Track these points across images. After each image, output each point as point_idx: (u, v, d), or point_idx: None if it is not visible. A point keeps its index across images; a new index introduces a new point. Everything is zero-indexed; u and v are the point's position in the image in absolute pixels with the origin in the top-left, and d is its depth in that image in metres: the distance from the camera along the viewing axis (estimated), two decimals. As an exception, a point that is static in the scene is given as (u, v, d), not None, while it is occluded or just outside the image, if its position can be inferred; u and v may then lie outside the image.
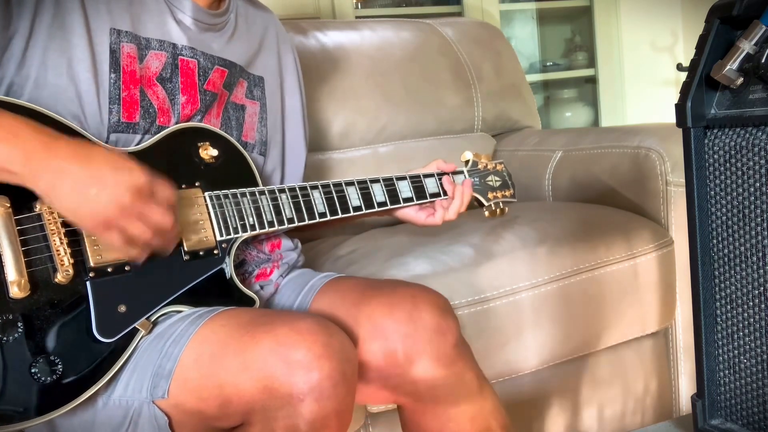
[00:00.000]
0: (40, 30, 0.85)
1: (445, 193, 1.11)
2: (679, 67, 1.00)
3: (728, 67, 0.90)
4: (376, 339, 0.92)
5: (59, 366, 0.77)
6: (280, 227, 0.96)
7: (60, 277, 0.78)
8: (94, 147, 0.78)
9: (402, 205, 1.08)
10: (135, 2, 0.93)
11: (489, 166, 1.20)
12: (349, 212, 1.02)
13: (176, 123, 0.94)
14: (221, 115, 1.02)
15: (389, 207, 1.07)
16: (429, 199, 1.10)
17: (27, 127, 0.75)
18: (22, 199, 0.77)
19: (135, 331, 0.84)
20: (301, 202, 0.97)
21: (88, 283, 0.80)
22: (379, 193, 1.05)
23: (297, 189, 0.97)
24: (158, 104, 0.93)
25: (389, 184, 1.06)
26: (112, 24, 0.90)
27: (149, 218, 0.78)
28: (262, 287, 1.05)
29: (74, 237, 0.80)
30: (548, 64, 2.81)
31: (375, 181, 1.05)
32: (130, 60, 0.91)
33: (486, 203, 1.17)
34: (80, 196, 0.74)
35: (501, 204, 1.19)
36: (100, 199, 0.74)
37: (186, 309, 0.88)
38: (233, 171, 0.96)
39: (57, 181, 0.74)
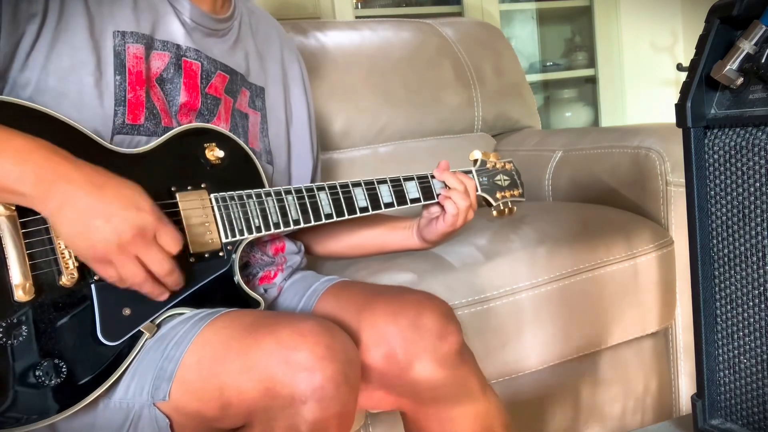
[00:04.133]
0: (45, 33, 0.84)
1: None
2: (679, 67, 1.00)
3: (728, 67, 0.90)
4: (379, 345, 0.92)
5: (64, 369, 0.77)
6: (286, 229, 0.95)
7: (65, 281, 0.78)
8: (109, 177, 0.77)
9: (409, 206, 1.07)
10: (140, 3, 0.93)
11: (498, 165, 1.19)
12: (356, 213, 1.00)
13: (177, 125, 0.94)
14: (230, 121, 1.02)
15: (396, 207, 1.06)
16: (436, 200, 1.09)
17: (40, 149, 0.74)
18: None
19: (139, 334, 0.84)
20: (308, 203, 0.96)
21: (92, 286, 0.80)
22: (386, 194, 1.04)
23: (303, 190, 0.97)
24: (160, 105, 0.93)
25: (396, 185, 1.05)
26: (116, 27, 0.89)
27: (145, 261, 0.77)
28: (266, 290, 1.05)
29: None
30: (548, 64, 2.81)
31: (382, 181, 1.04)
32: (136, 61, 0.90)
33: (494, 203, 1.16)
34: (83, 226, 0.73)
35: (509, 203, 1.18)
36: (102, 232, 0.74)
37: (189, 311, 0.88)
38: (239, 172, 0.95)
39: (64, 206, 0.73)
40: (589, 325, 1.35)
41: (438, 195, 1.08)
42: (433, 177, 1.09)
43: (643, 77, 2.76)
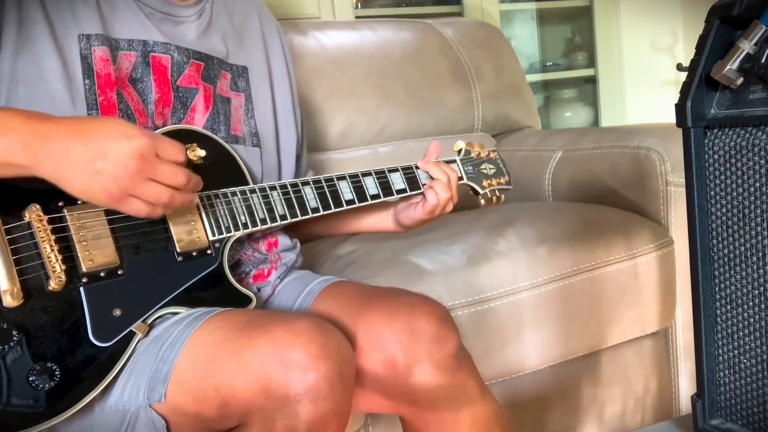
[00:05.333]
0: (7, 45, 0.84)
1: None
2: (679, 67, 1.00)
3: (728, 67, 0.90)
4: (375, 348, 0.91)
5: (57, 373, 0.77)
6: (273, 224, 0.95)
7: (53, 285, 0.77)
8: (87, 120, 0.76)
9: (396, 197, 1.07)
10: (102, 4, 0.92)
11: (482, 154, 1.19)
12: (342, 206, 1.01)
13: (152, 123, 0.93)
14: (210, 110, 1.01)
15: (383, 199, 1.06)
16: (422, 190, 1.08)
17: (17, 116, 0.74)
18: (10, 208, 0.76)
19: (132, 334, 0.83)
20: (293, 198, 0.97)
21: (81, 288, 0.80)
22: (371, 186, 1.04)
23: (288, 186, 0.97)
24: (134, 106, 0.92)
25: (381, 177, 1.06)
26: (80, 30, 0.89)
27: (160, 179, 0.77)
28: (259, 289, 1.04)
29: (65, 243, 0.79)
30: (548, 64, 2.81)
31: (367, 174, 1.04)
32: (103, 63, 0.90)
33: (481, 191, 1.15)
34: (87, 175, 0.73)
35: (497, 192, 1.17)
36: (107, 172, 0.73)
37: (182, 310, 0.87)
38: (222, 171, 0.96)
39: (61, 164, 0.73)
40: (589, 325, 1.35)
41: (424, 185, 1.08)
42: (417, 168, 1.09)
43: (643, 77, 2.76)
